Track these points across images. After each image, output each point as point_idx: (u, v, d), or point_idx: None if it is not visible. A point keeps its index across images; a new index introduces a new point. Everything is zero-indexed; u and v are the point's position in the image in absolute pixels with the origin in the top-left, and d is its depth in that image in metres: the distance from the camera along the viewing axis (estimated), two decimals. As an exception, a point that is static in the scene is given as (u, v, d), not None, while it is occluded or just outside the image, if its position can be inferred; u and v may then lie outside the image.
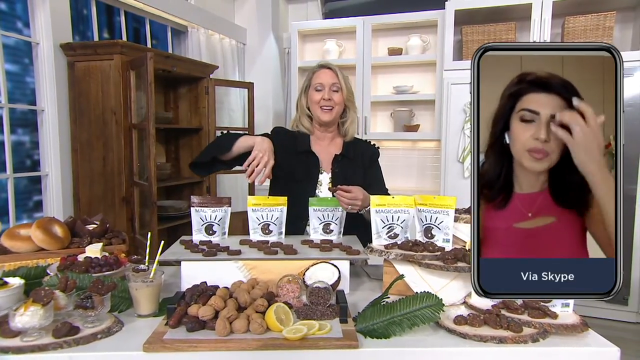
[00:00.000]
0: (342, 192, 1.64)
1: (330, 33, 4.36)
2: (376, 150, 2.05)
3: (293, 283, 1.30)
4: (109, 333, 1.11)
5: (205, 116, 3.77)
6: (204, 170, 1.97)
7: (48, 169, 2.91)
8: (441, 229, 1.41)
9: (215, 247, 1.50)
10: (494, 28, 3.63)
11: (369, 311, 1.18)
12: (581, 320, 1.13)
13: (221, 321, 1.09)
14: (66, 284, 1.15)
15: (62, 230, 1.52)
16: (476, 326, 1.12)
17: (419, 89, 4.14)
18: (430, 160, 4.23)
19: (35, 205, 3.05)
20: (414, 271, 1.36)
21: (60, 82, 2.88)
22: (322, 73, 1.90)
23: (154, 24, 3.93)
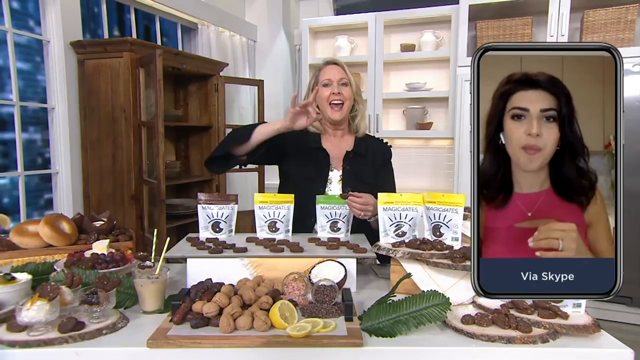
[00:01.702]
0: (354, 198, 1.64)
1: (342, 29, 4.37)
2: (389, 150, 2.05)
3: (299, 281, 1.31)
4: (114, 329, 1.13)
5: (215, 114, 3.80)
6: (220, 166, 1.90)
7: (59, 166, 2.96)
8: (450, 227, 1.41)
9: (222, 245, 1.52)
10: (509, 23, 3.60)
11: (375, 309, 1.18)
12: (593, 321, 1.12)
13: (225, 318, 1.11)
14: (72, 280, 1.17)
15: (69, 226, 1.55)
16: (484, 326, 1.12)
17: (432, 86, 4.12)
18: (444, 159, 4.21)
19: (46, 203, 3.11)
20: (421, 270, 1.36)
21: (70, 80, 2.94)
22: (329, 69, 1.90)
23: (164, 21, 3.98)
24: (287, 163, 1.91)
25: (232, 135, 1.88)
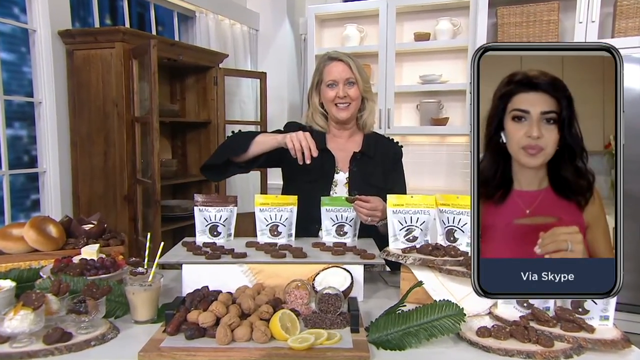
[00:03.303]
0: (361, 202, 1.64)
1: (351, 17, 4.36)
2: (399, 150, 2.05)
3: (302, 289, 1.32)
4: (103, 340, 1.15)
5: (214, 109, 3.81)
6: (217, 174, 1.93)
7: (46, 165, 2.98)
8: (465, 232, 1.41)
9: (220, 250, 1.53)
10: (533, 9, 3.57)
11: (383, 320, 1.19)
12: (622, 336, 1.12)
13: (222, 328, 1.12)
14: (59, 287, 1.19)
15: (56, 230, 1.57)
16: (501, 339, 1.12)
17: (448, 78, 4.11)
18: (461, 157, 4.20)
19: (32, 205, 3.14)
20: (434, 277, 1.36)
21: (58, 72, 2.96)
22: (334, 67, 1.90)
23: (160, 8, 4.00)
24: (290, 166, 1.92)
25: (228, 144, 1.90)
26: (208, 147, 3.84)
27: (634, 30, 3.31)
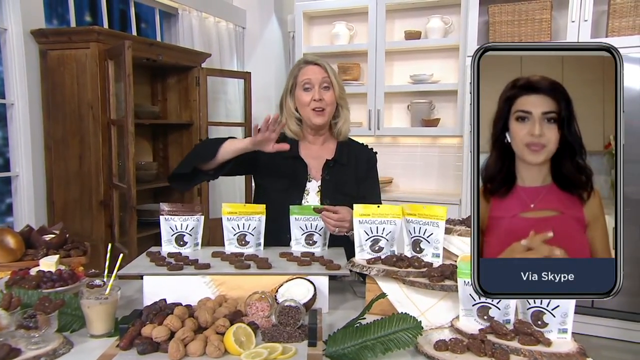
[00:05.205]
0: (328, 213, 1.67)
1: (340, 14, 4.39)
2: (374, 156, 2.07)
3: (263, 301, 1.34)
4: (54, 355, 1.17)
5: (197, 110, 3.84)
6: (185, 183, 1.95)
7: (19, 169, 3.01)
8: (430, 242, 1.44)
9: (183, 260, 1.55)
10: (525, 7, 3.60)
11: (341, 333, 1.21)
12: (579, 348, 1.14)
13: (174, 343, 1.14)
14: (10, 302, 1.21)
15: (14, 240, 1.60)
16: (458, 352, 1.14)
17: (439, 77, 4.14)
18: (453, 158, 4.23)
19: (6, 209, 3.16)
20: (398, 289, 1.39)
21: (31, 73, 2.98)
22: (309, 69, 1.92)
23: (141, 6, 4.02)
24: (261, 174, 1.94)
25: (197, 152, 1.93)
26: (190, 149, 3.86)
27: (627, 29, 3.34)
